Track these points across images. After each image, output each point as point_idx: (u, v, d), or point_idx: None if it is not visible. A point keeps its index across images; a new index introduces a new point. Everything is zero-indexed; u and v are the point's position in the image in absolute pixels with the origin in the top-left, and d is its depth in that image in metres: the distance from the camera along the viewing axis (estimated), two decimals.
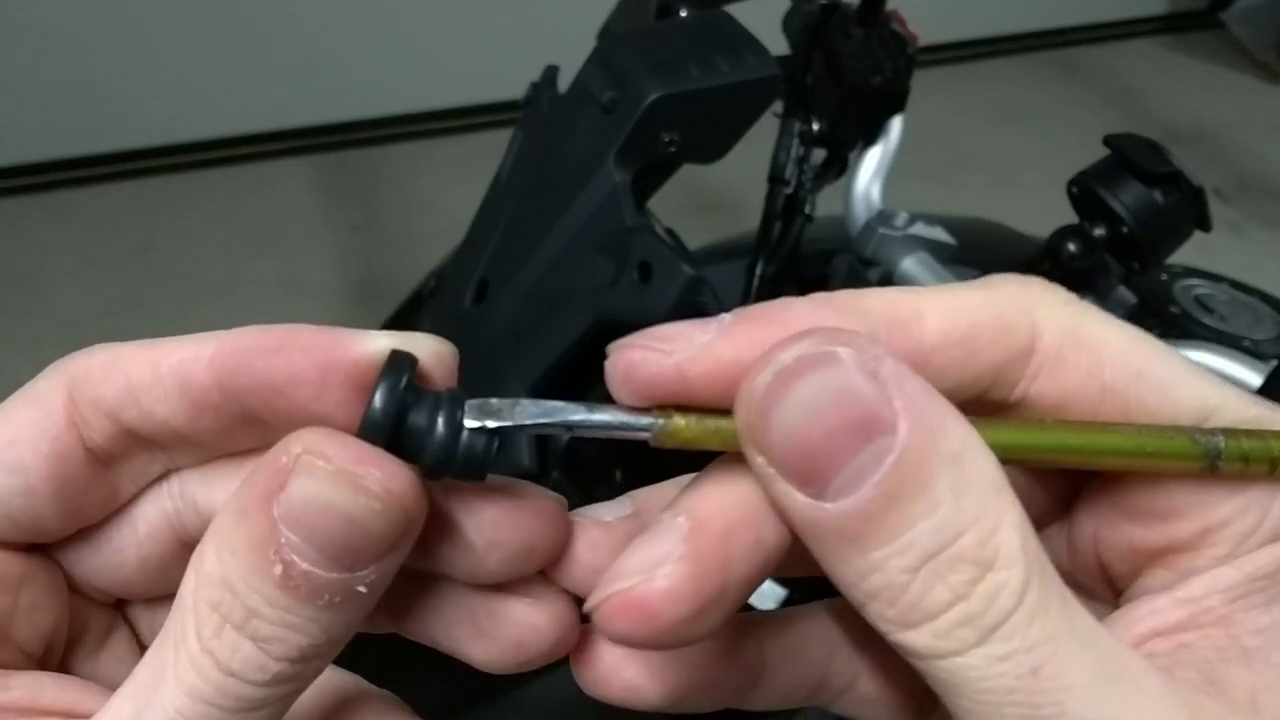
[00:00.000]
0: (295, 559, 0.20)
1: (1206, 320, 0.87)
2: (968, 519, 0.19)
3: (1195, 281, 0.92)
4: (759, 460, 0.20)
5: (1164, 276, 0.91)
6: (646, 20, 0.87)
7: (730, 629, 0.25)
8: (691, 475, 0.24)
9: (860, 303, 0.22)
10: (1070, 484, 0.26)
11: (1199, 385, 0.23)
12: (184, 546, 0.25)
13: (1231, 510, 0.22)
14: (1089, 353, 0.22)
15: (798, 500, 0.20)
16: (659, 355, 0.22)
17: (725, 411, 0.21)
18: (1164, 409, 0.22)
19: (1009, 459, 0.22)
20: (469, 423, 0.21)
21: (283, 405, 0.22)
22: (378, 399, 0.21)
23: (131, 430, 0.23)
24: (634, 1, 0.91)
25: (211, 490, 0.25)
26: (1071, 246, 0.85)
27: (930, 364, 0.22)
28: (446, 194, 2.46)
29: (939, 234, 0.88)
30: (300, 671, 0.21)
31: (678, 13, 0.86)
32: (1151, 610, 0.23)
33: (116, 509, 0.25)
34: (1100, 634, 0.20)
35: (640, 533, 0.22)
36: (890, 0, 0.92)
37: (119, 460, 0.24)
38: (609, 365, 0.22)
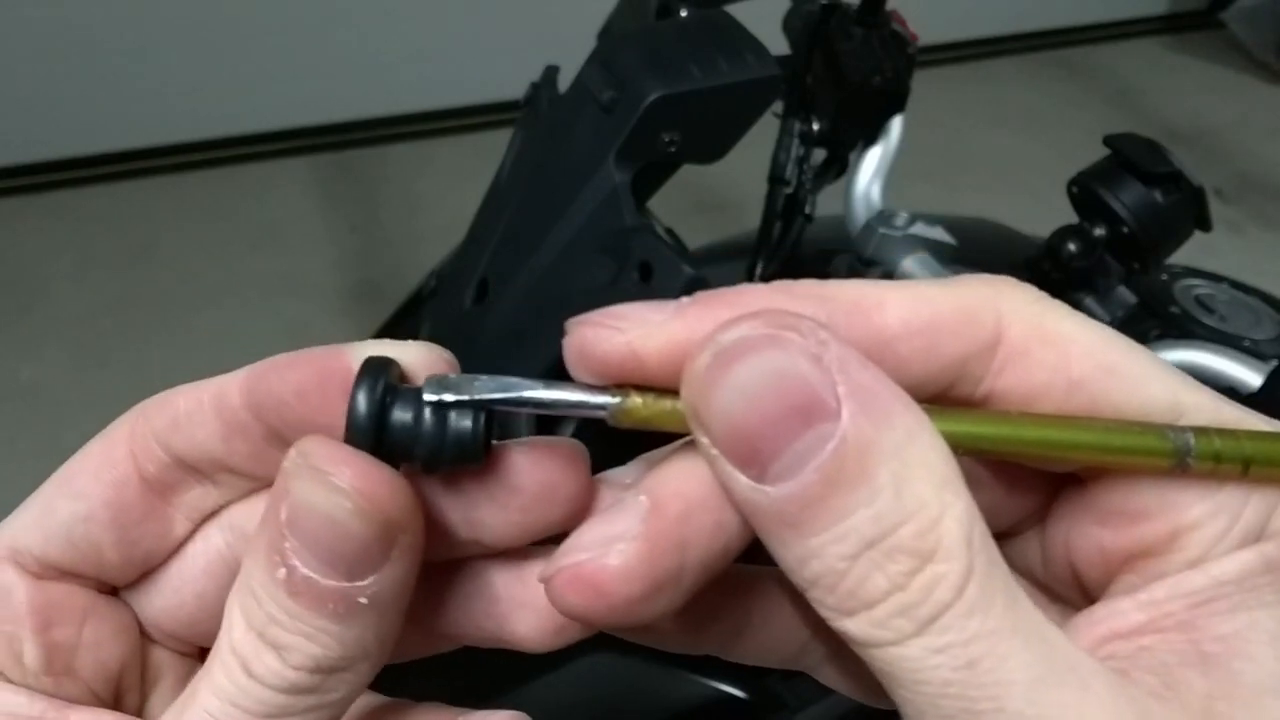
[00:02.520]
0: (297, 564, 0.20)
1: (1206, 320, 0.87)
2: (908, 509, 0.19)
3: (1195, 281, 0.92)
4: (704, 441, 0.21)
5: (1164, 276, 0.91)
6: (646, 20, 0.87)
7: (720, 580, 0.26)
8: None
9: (822, 290, 0.22)
10: (1047, 490, 0.25)
11: (1171, 383, 0.22)
12: None
13: (1202, 513, 0.22)
14: (1056, 348, 0.22)
15: (740, 482, 0.20)
16: (612, 333, 0.22)
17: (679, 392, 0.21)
18: (1134, 405, 0.22)
19: (970, 450, 0.21)
20: (427, 397, 0.22)
21: (294, 418, 0.23)
22: (353, 401, 0.21)
23: (180, 458, 0.24)
24: (634, 1, 0.91)
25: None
26: (1071, 246, 0.85)
27: (892, 353, 0.22)
28: (446, 194, 2.46)
29: (939, 234, 0.88)
30: (321, 684, 0.21)
31: (678, 13, 0.86)
32: (1113, 612, 0.22)
33: (174, 548, 0.26)
34: (1049, 634, 0.20)
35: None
36: (890, 0, 0.92)
37: (172, 491, 0.25)
38: (565, 342, 0.22)
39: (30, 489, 0.25)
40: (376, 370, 0.22)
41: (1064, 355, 0.22)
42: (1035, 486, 0.25)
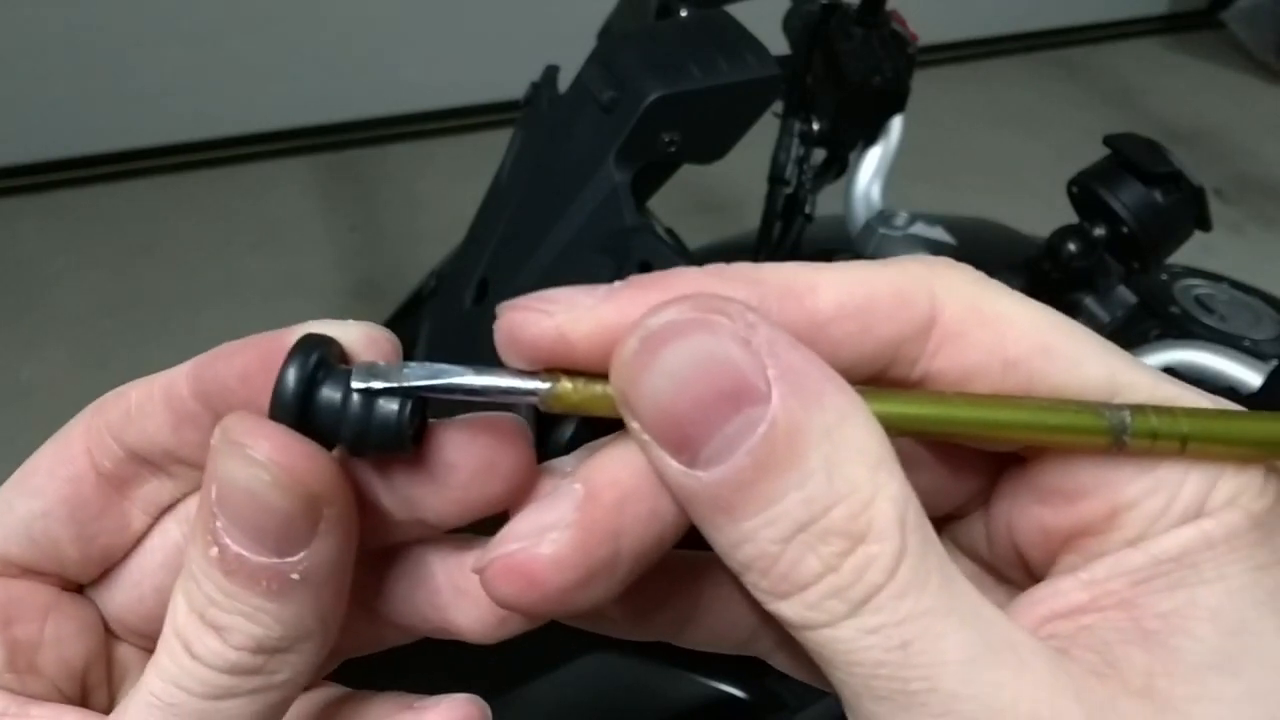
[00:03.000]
0: (228, 542, 0.20)
1: (1206, 320, 0.87)
2: (840, 491, 0.19)
3: (1195, 281, 0.92)
4: (635, 427, 0.20)
5: (1164, 276, 0.91)
6: (646, 20, 0.87)
7: (668, 566, 0.25)
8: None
9: (754, 273, 0.22)
10: (990, 471, 0.25)
11: (1108, 361, 0.22)
12: None
13: (1140, 491, 0.22)
14: (992, 328, 0.22)
15: (672, 468, 0.20)
16: (540, 316, 0.22)
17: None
18: (1071, 385, 0.22)
19: (905, 431, 0.21)
20: (355, 384, 0.21)
21: (239, 403, 0.23)
22: (280, 376, 0.21)
23: (134, 451, 0.24)
24: (634, 1, 0.91)
25: None
26: (1071, 246, 0.85)
27: (825, 336, 0.22)
28: (447, 194, 2.46)
29: (939, 234, 0.88)
30: (264, 665, 0.21)
31: (678, 13, 0.86)
32: (1054, 592, 0.22)
33: (133, 543, 0.26)
34: (986, 613, 0.20)
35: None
36: (890, 0, 0.92)
37: (128, 485, 0.25)
38: (495, 326, 0.22)
39: None
40: (309, 348, 0.22)
41: (999, 335, 0.22)
42: (979, 467, 0.25)
